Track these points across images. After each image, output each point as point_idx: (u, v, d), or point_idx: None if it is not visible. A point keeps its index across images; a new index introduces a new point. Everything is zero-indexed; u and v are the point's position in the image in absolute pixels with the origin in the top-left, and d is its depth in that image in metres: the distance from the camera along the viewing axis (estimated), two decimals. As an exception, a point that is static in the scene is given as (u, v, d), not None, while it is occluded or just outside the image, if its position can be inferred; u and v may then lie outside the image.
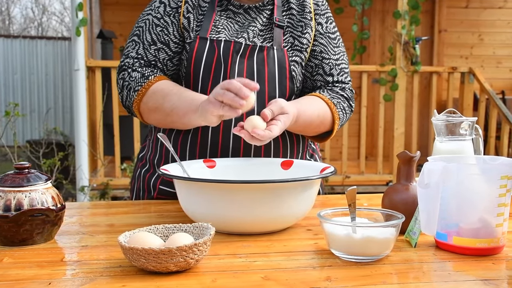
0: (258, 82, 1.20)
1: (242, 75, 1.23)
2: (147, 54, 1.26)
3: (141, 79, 1.23)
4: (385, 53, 5.99)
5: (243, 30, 1.27)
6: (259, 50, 1.24)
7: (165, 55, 1.27)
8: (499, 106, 4.69)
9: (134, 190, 1.37)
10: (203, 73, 1.23)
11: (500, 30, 6.26)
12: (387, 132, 5.08)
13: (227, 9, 1.28)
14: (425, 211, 0.85)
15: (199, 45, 1.23)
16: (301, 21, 1.30)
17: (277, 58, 1.25)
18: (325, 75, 1.32)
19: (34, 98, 7.40)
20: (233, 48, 1.23)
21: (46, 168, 4.13)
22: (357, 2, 4.57)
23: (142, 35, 1.28)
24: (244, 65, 1.23)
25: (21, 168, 0.93)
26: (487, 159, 0.94)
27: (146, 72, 1.24)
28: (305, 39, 1.29)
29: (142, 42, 1.27)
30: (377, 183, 4.81)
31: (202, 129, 1.23)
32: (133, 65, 1.25)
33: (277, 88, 1.25)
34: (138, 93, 1.22)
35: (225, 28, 1.26)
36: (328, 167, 1.06)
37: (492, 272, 0.78)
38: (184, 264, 0.76)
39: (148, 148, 1.37)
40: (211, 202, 0.93)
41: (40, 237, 0.91)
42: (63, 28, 13.85)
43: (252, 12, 1.29)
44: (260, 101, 1.22)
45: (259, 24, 1.29)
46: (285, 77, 1.25)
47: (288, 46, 1.28)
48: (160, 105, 1.19)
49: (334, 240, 0.84)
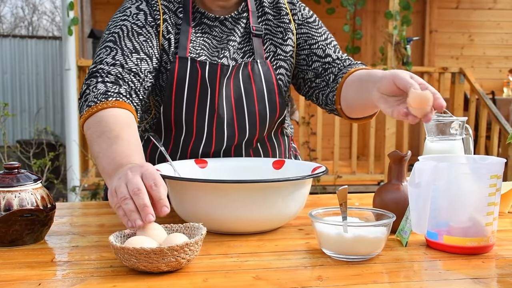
0: (247, 104, 1.17)
1: (230, 97, 1.16)
2: (128, 62, 1.10)
3: (101, 96, 1.03)
4: (376, 53, 6.01)
5: (223, 47, 1.19)
6: (244, 66, 1.18)
7: (147, 67, 1.12)
8: (489, 106, 4.73)
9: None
10: (188, 97, 1.14)
11: (490, 30, 6.31)
12: (378, 132, 5.10)
13: (201, 22, 1.20)
14: (416, 211, 0.85)
15: (180, 65, 1.14)
16: (279, 26, 1.23)
17: (263, 73, 1.19)
18: (322, 58, 1.23)
19: (24, 98, 7.35)
20: (220, 71, 1.15)
21: (37, 168, 4.10)
22: (349, 2, 4.59)
23: (120, 41, 1.12)
24: (231, 86, 1.17)
25: (10, 168, 0.92)
26: (477, 158, 0.95)
27: (111, 89, 1.05)
28: (288, 46, 1.23)
29: (121, 48, 1.11)
30: (368, 183, 4.83)
31: (192, 149, 1.20)
32: (107, 75, 1.07)
33: (267, 105, 1.20)
34: (89, 110, 1.02)
35: (203, 46, 1.18)
36: (319, 167, 1.06)
37: (482, 271, 0.78)
38: (176, 264, 0.75)
39: None
40: (202, 202, 0.93)
41: (30, 237, 0.90)
42: (54, 27, 13.76)
43: (228, 23, 1.21)
44: (251, 121, 1.20)
45: (237, 36, 1.21)
46: (274, 93, 1.20)
47: (270, 56, 1.22)
48: (93, 141, 0.98)
49: (325, 240, 0.84)
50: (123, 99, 1.05)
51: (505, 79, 6.10)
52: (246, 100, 1.18)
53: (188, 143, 1.20)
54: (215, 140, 1.19)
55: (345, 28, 4.71)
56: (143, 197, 0.78)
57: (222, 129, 1.18)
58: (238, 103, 1.18)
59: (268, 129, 1.25)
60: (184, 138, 1.20)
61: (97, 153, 0.95)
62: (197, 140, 1.19)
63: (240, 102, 1.18)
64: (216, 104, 1.16)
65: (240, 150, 1.23)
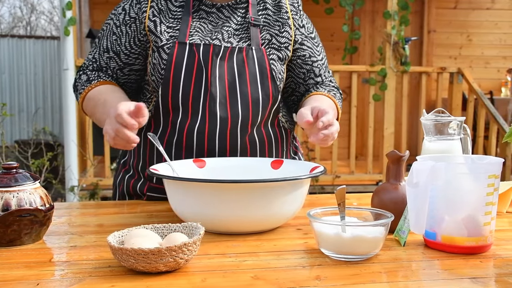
0: (240, 85, 1.23)
1: (224, 78, 1.22)
2: (100, 60, 1.31)
3: (86, 82, 1.29)
4: (375, 53, 6.01)
5: (217, 31, 1.26)
6: (238, 51, 1.24)
7: (115, 64, 1.30)
8: (487, 106, 4.73)
9: (117, 193, 1.36)
10: (184, 78, 1.21)
11: (488, 30, 6.32)
12: (377, 132, 5.11)
13: (199, 9, 1.27)
14: (414, 210, 0.85)
15: (178, 50, 1.22)
16: (278, 21, 1.30)
17: (257, 58, 1.25)
18: (316, 77, 1.37)
19: (22, 98, 7.33)
20: (212, 51, 1.23)
21: (35, 168, 4.10)
22: (347, 2, 4.59)
23: (101, 40, 1.32)
24: (225, 67, 1.23)
25: (8, 168, 0.92)
26: (475, 158, 0.95)
27: (92, 76, 1.29)
28: (284, 38, 1.29)
29: (99, 47, 1.32)
30: (367, 182, 4.83)
31: (187, 131, 1.22)
32: (86, 68, 1.32)
33: (260, 88, 1.25)
34: (81, 96, 1.28)
35: (198, 30, 1.25)
36: (318, 167, 1.06)
37: (480, 270, 0.78)
38: (174, 264, 0.75)
39: (130, 154, 1.36)
40: (201, 201, 0.93)
41: (28, 237, 0.90)
42: (52, 27, 13.74)
43: (225, 10, 1.28)
44: (243, 103, 1.23)
45: (233, 23, 1.28)
46: (266, 77, 1.25)
47: (265, 43, 1.27)
48: (92, 115, 1.27)
49: (323, 239, 0.84)
50: (103, 79, 1.29)
51: (503, 79, 6.11)
52: (239, 81, 1.23)
53: (184, 125, 1.23)
54: (208, 119, 1.22)
55: (344, 28, 4.71)
56: (124, 118, 1.00)
57: (215, 108, 1.22)
58: (231, 84, 1.23)
59: (262, 116, 1.26)
60: (181, 119, 1.24)
61: (98, 119, 1.22)
62: (192, 120, 1.23)
63: (233, 83, 1.23)
64: (209, 83, 1.22)
65: (235, 135, 1.24)
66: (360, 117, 5.90)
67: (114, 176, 1.42)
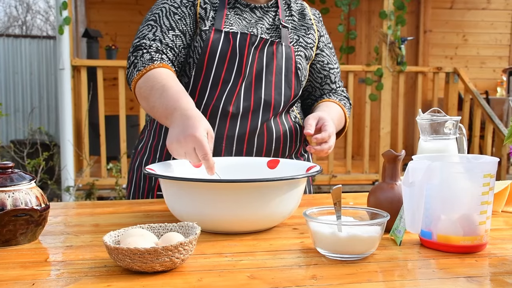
0: (266, 74, 1.32)
1: (253, 66, 1.31)
2: (165, 38, 1.29)
3: (148, 61, 1.25)
4: (371, 53, 6.02)
5: (252, 26, 1.35)
6: (270, 44, 1.33)
7: (181, 43, 1.31)
8: (483, 105, 4.75)
9: (133, 181, 1.38)
10: (218, 63, 1.29)
11: (483, 31, 6.34)
12: (373, 132, 5.12)
13: (234, 6, 1.36)
14: (410, 210, 0.86)
15: (215, 36, 1.29)
16: (303, 25, 1.42)
17: (285, 54, 1.34)
18: (331, 84, 1.48)
19: (18, 98, 7.31)
20: (250, 40, 1.30)
21: (31, 168, 4.09)
22: (343, 2, 4.60)
23: (159, 20, 1.31)
24: (256, 57, 1.31)
25: (4, 168, 0.91)
26: (471, 157, 0.95)
27: (156, 56, 1.26)
28: (309, 39, 1.41)
29: (160, 26, 1.30)
30: (363, 182, 4.84)
31: (211, 111, 1.28)
32: (149, 47, 1.27)
33: (283, 80, 1.33)
34: (139, 73, 1.24)
35: (235, 22, 1.34)
36: (314, 166, 1.06)
37: (475, 269, 0.79)
38: (170, 263, 0.75)
39: (149, 136, 1.40)
40: (197, 201, 0.93)
41: (23, 237, 0.90)
42: (48, 27, 13.70)
43: (258, 11, 1.38)
44: (267, 91, 1.31)
45: (266, 23, 1.37)
46: (291, 71, 1.35)
47: (293, 41, 1.38)
48: (146, 96, 1.21)
49: (319, 239, 0.84)
50: (166, 62, 1.27)
51: (498, 79, 6.13)
52: (265, 71, 1.32)
53: (208, 106, 1.30)
54: (235, 98, 1.30)
55: (339, 28, 4.72)
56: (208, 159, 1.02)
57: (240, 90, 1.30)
58: (258, 72, 1.32)
59: (284, 105, 1.35)
60: (206, 101, 1.30)
61: (152, 103, 1.18)
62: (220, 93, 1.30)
63: (260, 72, 1.32)
64: (242, 68, 1.30)
65: (257, 117, 1.31)
66: (357, 117, 5.92)
67: (129, 163, 1.45)
